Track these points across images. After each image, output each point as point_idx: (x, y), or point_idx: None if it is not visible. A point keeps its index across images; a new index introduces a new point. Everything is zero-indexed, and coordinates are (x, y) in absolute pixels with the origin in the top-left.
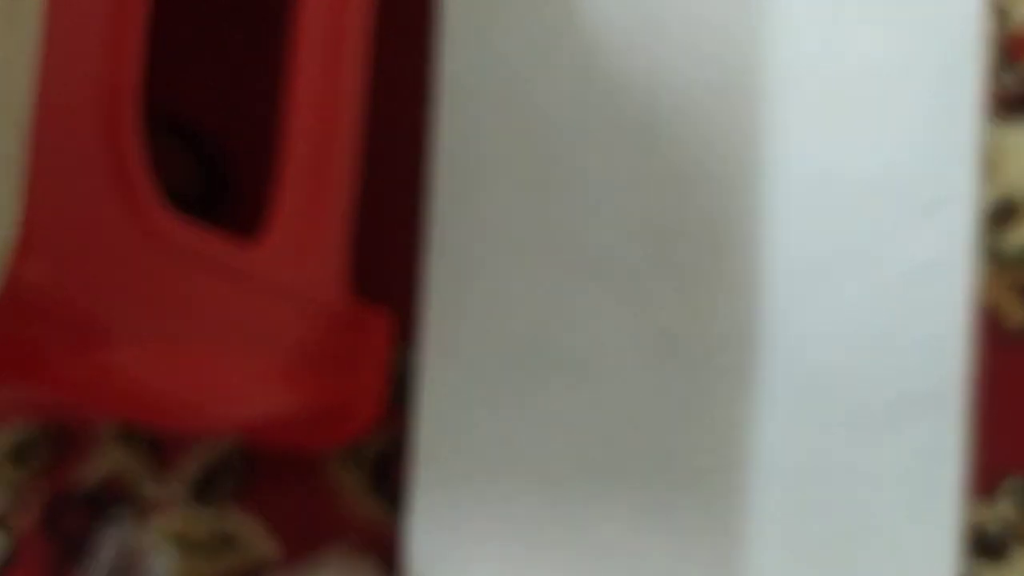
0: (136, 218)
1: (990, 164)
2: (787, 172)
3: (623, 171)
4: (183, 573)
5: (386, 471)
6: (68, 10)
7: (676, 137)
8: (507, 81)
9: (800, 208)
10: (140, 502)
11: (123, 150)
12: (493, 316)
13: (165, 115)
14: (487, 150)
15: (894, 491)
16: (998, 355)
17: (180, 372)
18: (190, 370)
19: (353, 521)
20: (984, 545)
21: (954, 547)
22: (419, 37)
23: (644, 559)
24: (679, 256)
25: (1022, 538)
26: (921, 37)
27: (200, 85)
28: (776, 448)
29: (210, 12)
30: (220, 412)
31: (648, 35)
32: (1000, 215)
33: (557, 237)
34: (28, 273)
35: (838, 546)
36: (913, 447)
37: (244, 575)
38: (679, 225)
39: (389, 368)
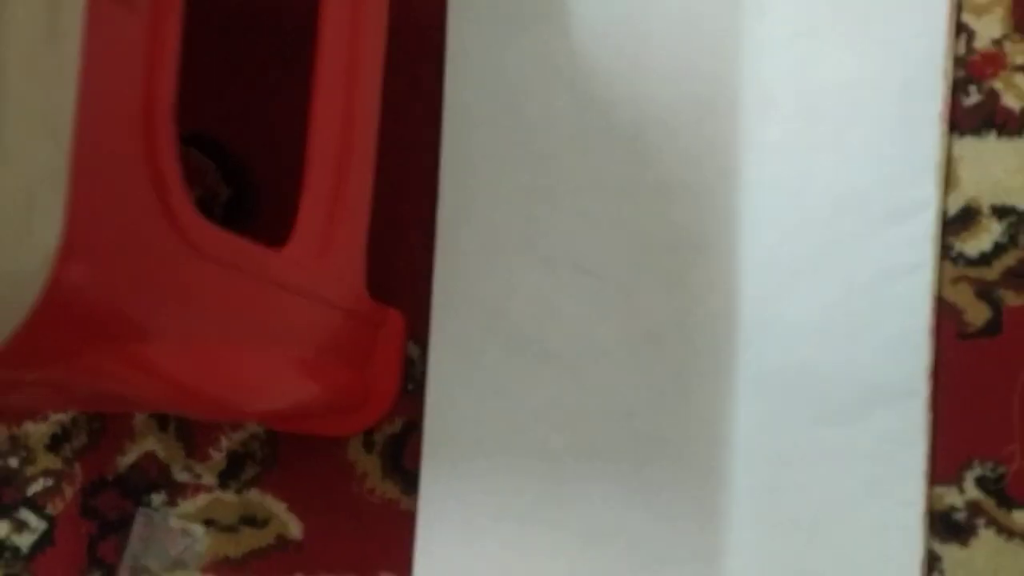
0: (172, 225)
1: (954, 175)
2: (764, 182)
3: (612, 182)
4: (212, 552)
5: (399, 455)
6: (107, 30)
7: (660, 150)
8: (506, 102)
9: (776, 215)
10: (172, 486)
11: (160, 162)
12: (494, 315)
13: (197, 132)
14: (487, 166)
15: (863, 475)
16: (961, 351)
17: (212, 367)
18: (221, 365)
19: (370, 501)
20: (950, 527)
21: (920, 528)
22: (427, 64)
23: (632, 534)
24: (663, 258)
25: (986, 520)
26: (889, 55)
27: (230, 105)
28: (753, 435)
29: (240, 41)
30: (248, 403)
31: (635, 57)
32: (962, 222)
33: (552, 243)
34: (71, 275)
35: (811, 525)
36: (881, 435)
37: (269, 552)
38: (663, 229)
39: (402, 362)
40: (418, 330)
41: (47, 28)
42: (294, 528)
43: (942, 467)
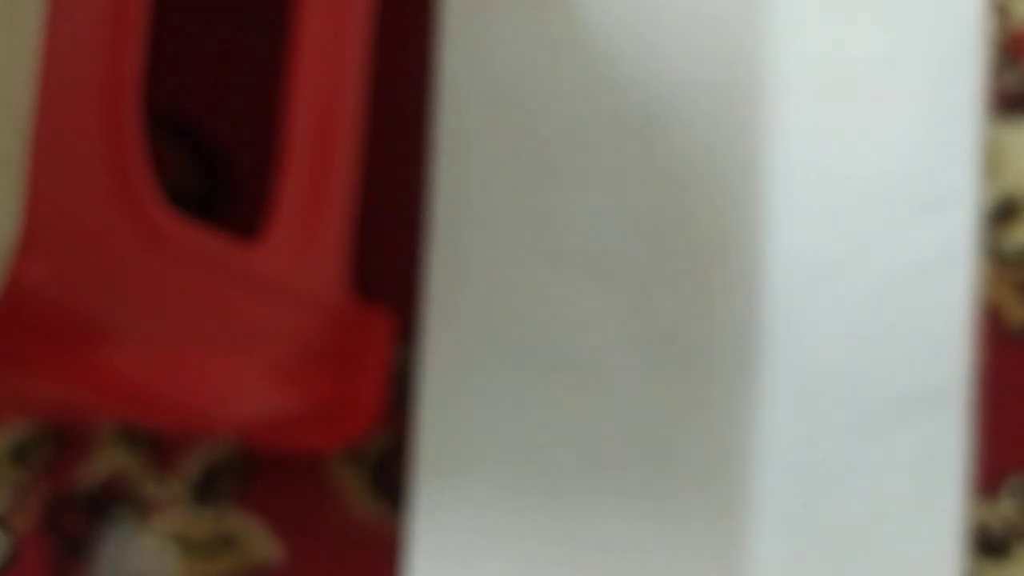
0: (137, 218)
1: (991, 163)
2: (788, 170)
3: (624, 170)
4: (184, 573)
5: (387, 471)
6: (69, 10)
7: (676, 136)
8: (507, 80)
9: (801, 206)
10: (141, 502)
11: (124, 150)
12: (494, 315)
13: (165, 114)
14: (487, 150)
15: (897, 489)
16: (1000, 354)
17: (179, 372)
18: (190, 370)
19: (354, 521)
20: (987, 544)
21: (958, 544)
22: (419, 36)
23: (647, 558)
24: (680, 254)
25: None
26: (922, 35)
27: (201, 84)
28: (778, 446)
29: (211, 11)
30: (219, 412)
31: (648, 33)
32: (1001, 214)
33: (558, 237)
34: (29, 274)
35: (840, 544)
36: (916, 444)
37: None
38: (680, 224)
39: (390, 368)
40: (409, 333)
41: (6, 9)
42: (272, 551)
43: (979, 481)
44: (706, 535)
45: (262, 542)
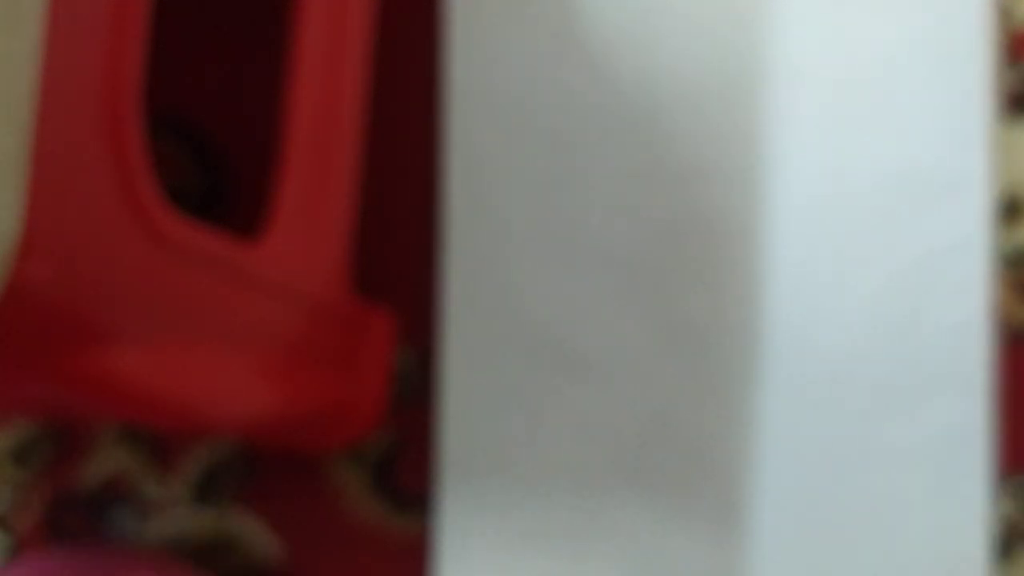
0: (138, 218)
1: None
2: (798, 162)
3: (634, 167)
4: None
5: (387, 471)
6: (70, 9)
7: (685, 131)
8: (518, 79)
9: (812, 198)
10: (141, 503)
11: (125, 149)
12: (510, 316)
13: (166, 114)
14: (500, 149)
15: (913, 479)
16: (1000, 354)
17: (181, 372)
18: (191, 370)
19: (354, 521)
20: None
21: (985, 532)
22: (426, 34)
23: (663, 548)
24: (691, 249)
25: None
26: (929, 25)
27: (201, 84)
28: (790, 437)
29: (212, 11)
30: (220, 412)
31: (654, 28)
32: (1001, 214)
33: (571, 235)
34: (30, 273)
35: (856, 536)
36: (935, 431)
37: None
38: (691, 219)
39: (390, 368)
40: (412, 334)
41: (7, 11)
42: (273, 552)
43: None
44: (718, 524)
45: (262, 542)
